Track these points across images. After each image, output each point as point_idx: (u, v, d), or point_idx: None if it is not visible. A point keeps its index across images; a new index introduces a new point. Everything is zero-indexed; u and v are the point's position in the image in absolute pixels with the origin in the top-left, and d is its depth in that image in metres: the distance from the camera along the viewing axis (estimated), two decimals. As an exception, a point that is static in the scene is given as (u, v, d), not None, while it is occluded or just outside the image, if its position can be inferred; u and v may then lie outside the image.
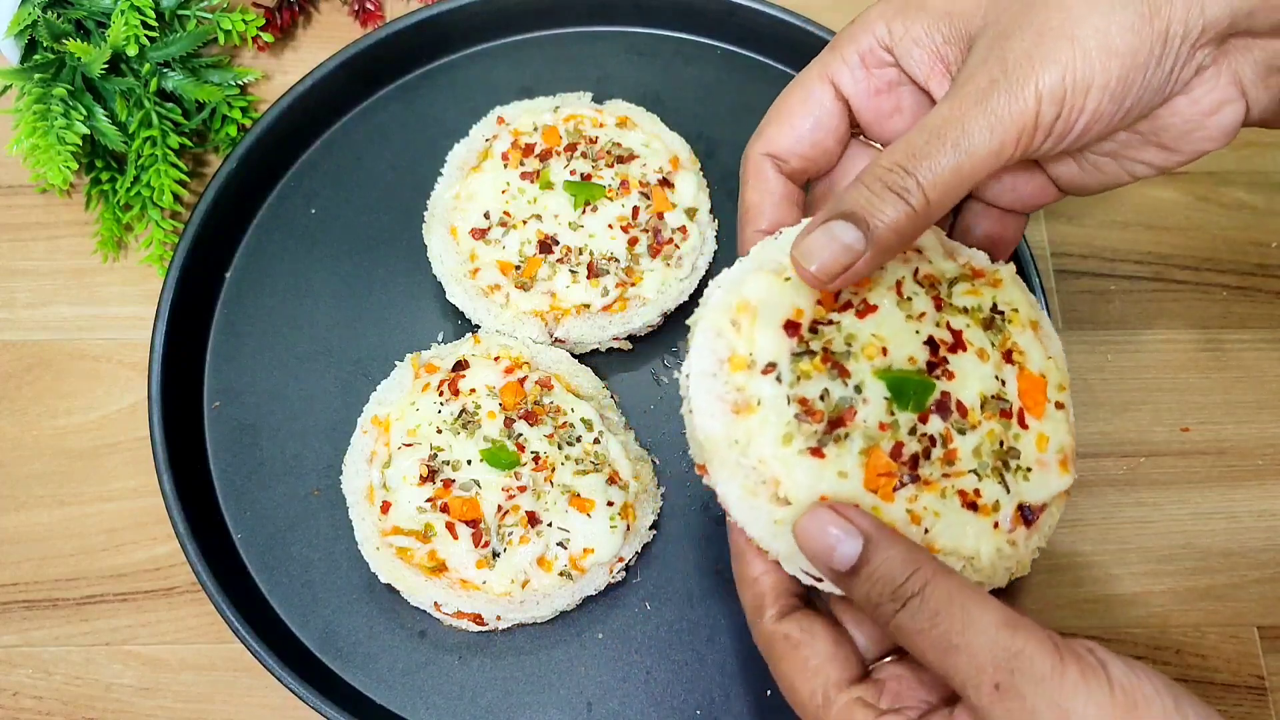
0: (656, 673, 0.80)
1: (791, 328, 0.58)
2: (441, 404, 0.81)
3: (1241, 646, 0.84)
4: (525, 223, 0.87)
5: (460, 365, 0.83)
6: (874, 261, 0.55)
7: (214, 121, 0.95)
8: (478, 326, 0.87)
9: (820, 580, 0.58)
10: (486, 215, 0.87)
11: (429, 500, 0.78)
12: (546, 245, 0.86)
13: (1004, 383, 0.61)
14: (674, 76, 0.98)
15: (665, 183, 0.88)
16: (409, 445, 0.80)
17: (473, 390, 0.82)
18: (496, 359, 0.83)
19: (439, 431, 0.80)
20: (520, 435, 0.80)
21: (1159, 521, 0.88)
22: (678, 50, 0.99)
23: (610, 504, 0.79)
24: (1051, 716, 0.48)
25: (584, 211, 0.87)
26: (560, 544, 0.78)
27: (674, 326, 0.88)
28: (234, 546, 0.83)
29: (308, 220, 0.93)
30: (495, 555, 0.78)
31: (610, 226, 0.86)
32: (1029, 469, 0.61)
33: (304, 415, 0.87)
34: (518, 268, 0.86)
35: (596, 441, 0.81)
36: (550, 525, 0.78)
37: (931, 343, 0.60)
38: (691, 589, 0.82)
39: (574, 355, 0.87)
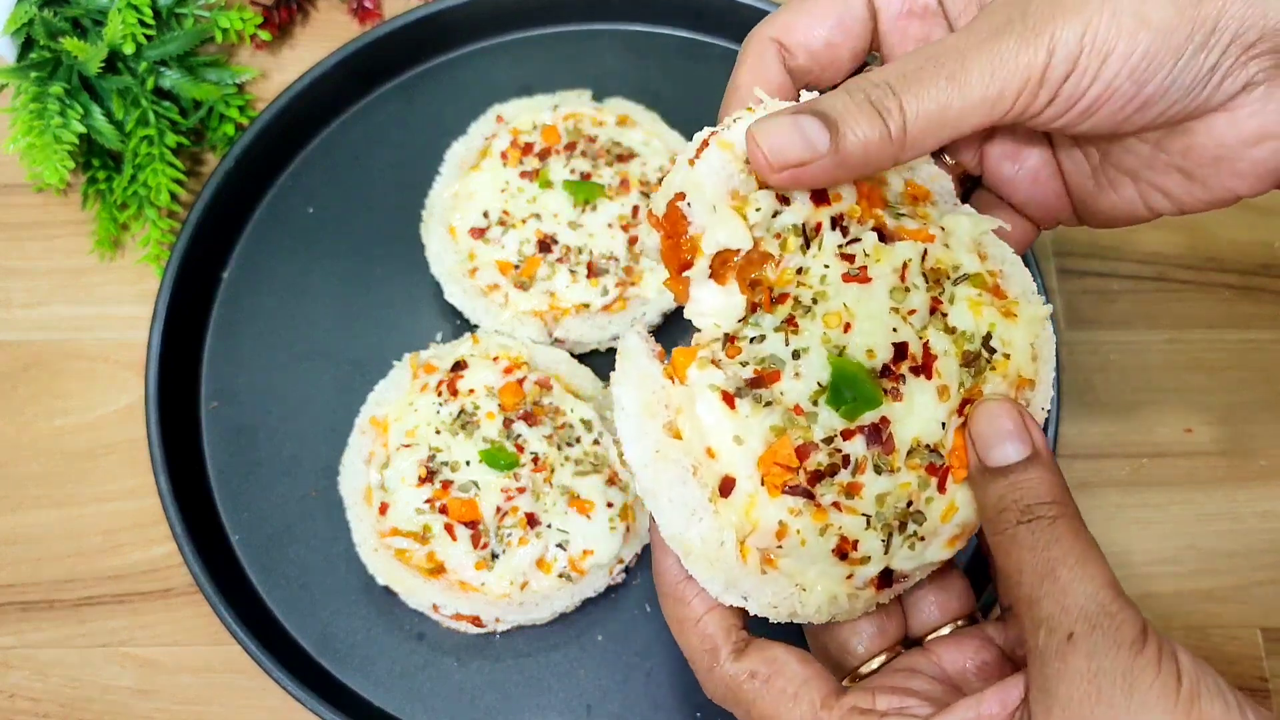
0: (656, 675, 0.80)
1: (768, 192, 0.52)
2: (440, 404, 0.81)
3: (1244, 649, 0.84)
4: (524, 222, 0.86)
5: (459, 365, 0.82)
6: (831, 172, 0.50)
7: (211, 120, 0.95)
8: (476, 326, 0.86)
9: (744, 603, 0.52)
10: (485, 214, 0.87)
11: (427, 501, 0.78)
12: (546, 244, 0.86)
13: (945, 429, 0.52)
14: (674, 74, 0.97)
15: (665, 182, 0.88)
16: (407, 446, 0.80)
17: (471, 391, 0.81)
18: (495, 359, 0.83)
19: (437, 432, 0.80)
20: (519, 436, 0.80)
21: (1162, 523, 0.87)
22: (678, 48, 0.98)
23: (610, 505, 0.79)
24: (1116, 685, 0.47)
25: (583, 210, 0.86)
26: (559, 545, 0.78)
27: (674, 327, 0.88)
28: (231, 548, 0.83)
29: (305, 219, 0.92)
30: (494, 557, 0.77)
31: (610, 225, 0.86)
32: (922, 539, 0.53)
33: (301, 416, 0.86)
34: (517, 267, 0.85)
35: (596, 442, 0.81)
36: (549, 526, 0.78)
37: (900, 350, 0.52)
38: (691, 591, 0.82)
39: (574, 355, 0.86)
